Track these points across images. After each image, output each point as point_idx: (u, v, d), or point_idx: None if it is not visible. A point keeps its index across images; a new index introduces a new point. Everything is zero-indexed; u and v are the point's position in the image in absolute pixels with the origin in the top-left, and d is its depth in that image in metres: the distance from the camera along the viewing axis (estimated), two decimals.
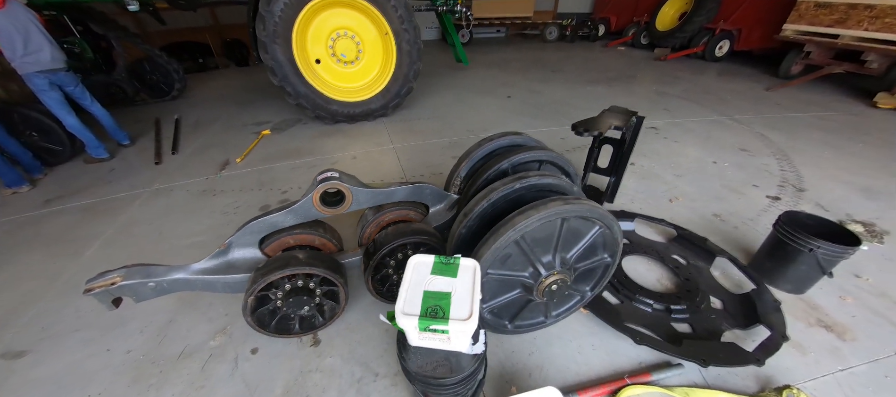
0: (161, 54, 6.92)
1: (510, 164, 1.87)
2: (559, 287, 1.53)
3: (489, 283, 1.54)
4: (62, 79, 3.90)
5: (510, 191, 1.52)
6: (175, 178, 3.75)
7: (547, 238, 1.46)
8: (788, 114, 5.60)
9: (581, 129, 2.25)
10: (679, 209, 3.04)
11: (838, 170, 3.83)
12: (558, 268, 1.52)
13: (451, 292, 1.20)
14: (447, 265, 1.29)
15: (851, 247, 1.93)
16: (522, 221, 1.34)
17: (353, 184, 1.82)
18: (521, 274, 1.53)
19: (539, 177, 1.56)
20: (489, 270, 1.46)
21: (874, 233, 2.82)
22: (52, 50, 3.73)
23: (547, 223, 1.39)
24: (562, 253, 1.53)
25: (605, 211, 1.47)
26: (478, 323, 1.29)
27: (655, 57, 10.38)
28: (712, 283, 2.20)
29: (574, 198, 1.42)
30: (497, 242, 1.36)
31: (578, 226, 1.48)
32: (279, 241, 1.87)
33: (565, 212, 1.37)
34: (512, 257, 1.47)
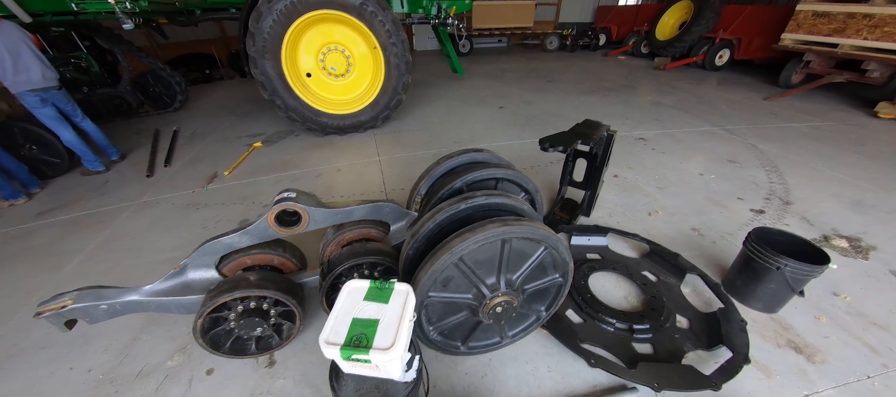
0: (164, 67, 7.10)
1: (464, 183, 1.87)
2: (505, 309, 1.52)
3: (433, 306, 1.53)
4: (54, 96, 4.00)
5: (456, 211, 1.52)
6: (163, 191, 3.82)
7: (489, 259, 1.46)
8: (784, 125, 5.52)
9: (547, 145, 2.25)
10: (657, 223, 3.00)
11: (829, 182, 3.76)
12: (503, 289, 1.51)
13: (379, 319, 1.19)
14: (381, 290, 1.29)
15: (819, 267, 1.89)
16: (459, 244, 1.34)
17: (311, 203, 1.84)
18: (465, 296, 1.52)
19: (487, 197, 1.56)
20: (431, 293, 1.46)
21: (859, 249, 2.75)
22: (44, 69, 3.83)
23: (487, 245, 1.39)
24: (507, 274, 1.52)
25: (549, 232, 1.46)
26: (412, 349, 1.30)
27: (655, 66, 10.36)
28: (681, 301, 2.17)
29: (515, 219, 1.42)
30: (434, 265, 1.36)
31: (523, 247, 1.47)
32: (237, 262, 1.88)
33: (503, 233, 1.36)
34: (454, 279, 1.47)
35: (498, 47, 15.17)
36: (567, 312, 2.08)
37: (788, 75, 7.91)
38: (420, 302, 1.46)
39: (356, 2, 4.16)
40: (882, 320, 2.14)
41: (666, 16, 11.72)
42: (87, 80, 6.53)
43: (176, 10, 4.72)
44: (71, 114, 4.31)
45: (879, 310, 2.21)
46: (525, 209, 1.65)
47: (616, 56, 12.54)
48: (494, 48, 14.85)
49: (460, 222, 1.53)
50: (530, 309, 1.74)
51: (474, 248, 1.36)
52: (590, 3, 16.58)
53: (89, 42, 6.59)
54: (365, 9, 4.22)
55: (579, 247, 2.61)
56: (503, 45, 15.70)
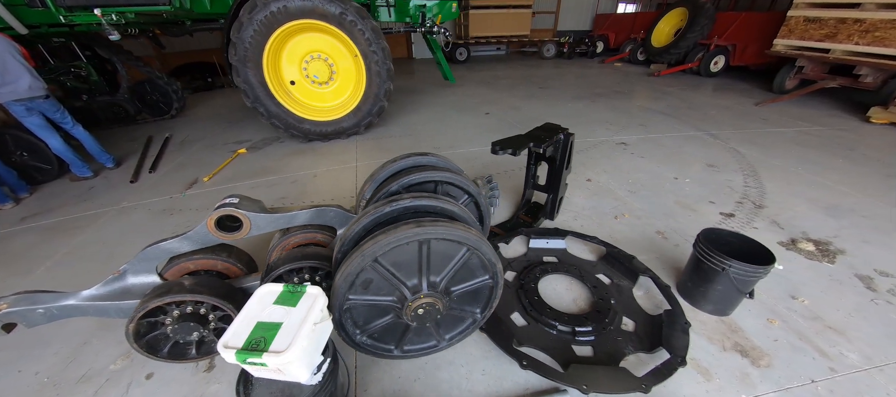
0: (161, 76, 7.28)
1: (400, 186, 1.89)
2: (428, 311, 1.53)
3: (358, 309, 1.54)
4: (41, 106, 4.11)
5: (380, 214, 1.54)
6: (143, 197, 3.91)
7: (409, 261, 1.47)
8: (772, 130, 5.48)
9: (498, 148, 2.27)
10: (622, 226, 2.99)
11: (808, 186, 3.71)
12: (425, 291, 1.51)
13: (282, 323, 1.21)
14: (292, 294, 1.30)
15: (762, 267, 1.87)
16: (371, 246, 1.36)
17: (254, 209, 1.86)
18: (388, 298, 1.53)
19: (412, 199, 1.58)
20: (351, 296, 1.47)
21: (826, 253, 2.71)
22: (31, 80, 3.93)
23: (404, 246, 1.41)
24: (431, 276, 1.53)
25: (470, 233, 1.46)
26: (326, 352, 1.31)
27: (650, 73, 10.35)
28: (630, 304, 2.15)
29: (432, 220, 1.43)
30: (348, 268, 1.38)
31: (444, 248, 1.48)
32: (179, 267, 1.91)
33: (417, 234, 1.37)
34: (374, 282, 1.48)
35: (496, 55, 15.29)
36: (513, 315, 2.07)
37: (782, 81, 7.86)
38: (340, 306, 1.48)
39: (335, 11, 4.25)
40: (838, 324, 2.11)
41: (661, 23, 11.75)
42: (87, 89, 6.73)
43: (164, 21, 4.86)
44: (60, 122, 4.43)
45: (837, 314, 2.17)
46: (455, 211, 1.66)
47: (612, 63, 12.56)
48: (492, 56, 14.97)
49: (386, 225, 1.55)
50: (464, 312, 1.74)
51: (388, 250, 1.38)
52: (588, 10, 16.67)
53: (90, 52, 6.80)
54: (344, 18, 4.31)
55: (537, 249, 2.61)
56: (502, 53, 15.82)
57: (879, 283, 2.43)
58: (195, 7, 4.62)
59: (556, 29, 16.37)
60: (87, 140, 4.72)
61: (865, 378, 1.81)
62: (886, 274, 2.52)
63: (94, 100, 6.78)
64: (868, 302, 2.28)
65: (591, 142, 4.86)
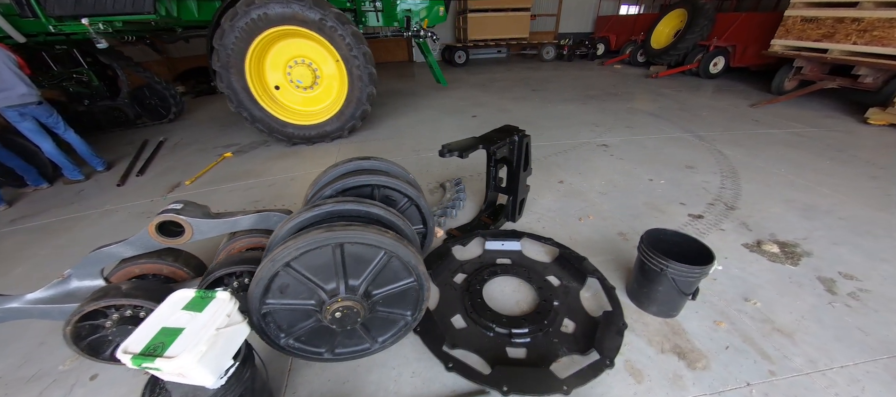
0: (159, 81, 7.48)
1: (334, 190, 1.93)
2: (346, 314, 1.55)
3: (279, 313, 1.57)
4: (34, 111, 4.27)
5: (303, 220, 1.58)
6: (126, 200, 4.02)
7: (325, 265, 1.49)
8: (762, 131, 5.38)
9: (445, 151, 2.29)
10: (585, 228, 2.98)
11: (787, 187, 3.65)
12: (343, 294, 1.54)
13: (184, 328, 1.24)
14: (203, 300, 1.34)
15: (699, 268, 1.85)
16: (281, 252, 1.39)
17: (196, 215, 1.91)
18: (307, 302, 1.56)
19: (336, 204, 1.61)
20: (269, 301, 1.51)
21: (790, 255, 2.66)
22: (25, 88, 4.10)
23: (318, 251, 1.44)
24: (350, 280, 1.55)
25: (385, 237, 1.48)
26: (237, 357, 1.35)
27: (648, 75, 10.25)
28: (575, 305, 2.15)
29: (344, 225, 1.46)
30: (260, 273, 1.41)
31: (361, 252, 1.51)
32: (125, 271, 1.96)
33: (327, 239, 1.40)
34: (291, 286, 1.51)
35: (497, 58, 15.29)
36: (454, 317, 2.09)
37: (780, 82, 7.72)
38: (257, 310, 1.51)
39: (315, 17, 4.33)
40: (788, 327, 2.07)
41: (661, 24, 11.64)
42: (89, 94, 6.96)
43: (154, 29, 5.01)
44: (53, 127, 4.59)
45: (789, 317, 2.13)
46: (381, 215, 1.69)
47: (612, 65, 12.47)
48: (492, 59, 14.98)
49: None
50: (394, 314, 1.76)
51: (299, 255, 1.41)
52: (589, 12, 16.60)
53: (91, 58, 7.03)
54: (324, 24, 4.39)
55: (492, 251, 2.62)
56: (502, 55, 15.82)
57: (841, 286, 2.38)
58: (183, 15, 4.76)
59: (556, 31, 16.34)
60: (78, 144, 4.87)
61: (805, 381, 1.78)
62: (851, 276, 2.46)
63: (96, 104, 7.00)
64: (825, 305, 2.23)
65: (573, 144, 4.85)
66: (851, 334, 2.03)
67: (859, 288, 2.37)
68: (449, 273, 2.41)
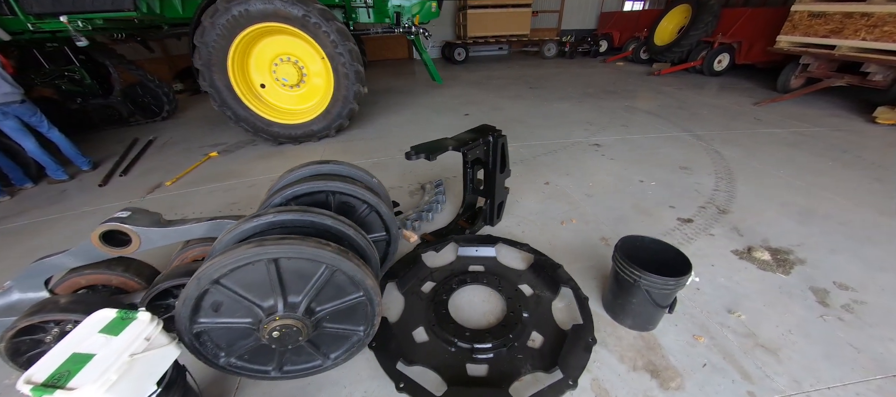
0: (152, 78, 7.44)
1: (283, 198, 1.82)
2: (286, 333, 1.45)
3: (216, 332, 1.47)
4: (17, 110, 4.23)
5: (241, 232, 1.48)
6: (105, 201, 3.96)
7: (260, 282, 1.39)
8: (763, 130, 5.19)
9: (412, 153, 2.17)
10: (566, 232, 2.84)
11: (785, 189, 3.49)
12: (281, 312, 1.44)
13: (95, 354, 1.13)
14: (123, 321, 1.24)
15: (674, 280, 1.72)
16: (206, 269, 1.29)
17: (144, 223, 1.82)
18: (244, 320, 1.46)
19: (278, 214, 1.51)
20: (201, 320, 1.41)
21: (782, 263, 2.51)
22: (8, 87, 4.07)
23: (250, 266, 1.34)
24: (290, 296, 1.45)
25: (326, 250, 1.37)
26: (161, 382, 1.25)
27: (651, 72, 10.03)
28: (545, 317, 2.02)
29: (277, 239, 1.35)
30: (186, 293, 1.31)
31: (300, 267, 1.40)
32: (70, 282, 1.87)
33: (257, 254, 1.29)
34: (224, 304, 1.41)
35: (498, 55, 15.10)
36: (417, 330, 1.98)
37: (786, 79, 7.48)
38: (187, 331, 1.41)
39: (298, 14, 4.22)
40: (773, 342, 1.93)
41: (665, 20, 11.40)
42: (81, 92, 6.94)
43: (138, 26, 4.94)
44: (36, 126, 4.54)
45: (774, 332, 1.99)
46: (330, 226, 1.58)
47: (614, 62, 12.25)
48: (493, 56, 14.79)
49: None
50: (346, 330, 1.65)
51: (226, 272, 1.31)
52: (593, 9, 16.33)
53: (84, 56, 7.00)
54: (308, 20, 4.28)
55: (465, 257, 2.50)
56: (504, 53, 15.63)
57: (834, 298, 2.23)
58: (166, 12, 4.68)
59: (559, 28, 16.10)
60: (62, 143, 4.82)
61: None
62: (846, 287, 2.31)
63: (89, 102, 6.99)
64: (815, 318, 2.09)
65: (564, 144, 4.70)
66: (842, 351, 1.89)
67: (854, 299, 2.22)
68: (417, 281, 2.30)
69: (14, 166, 4.50)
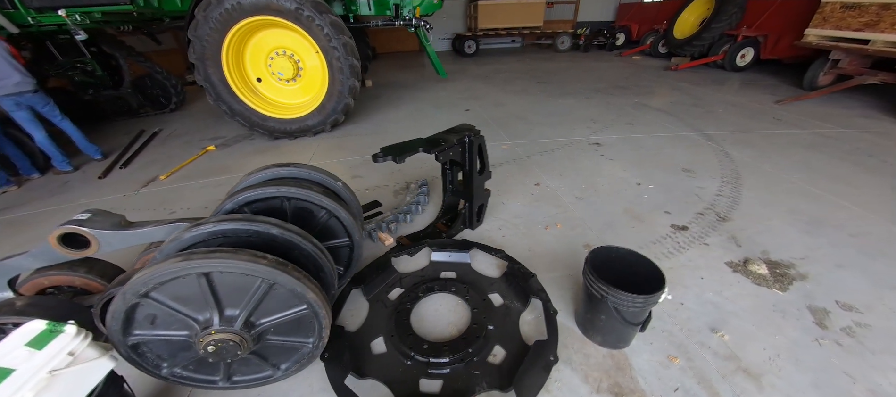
0: (160, 71, 7.57)
1: (235, 204, 1.77)
2: (223, 347, 1.39)
3: (154, 343, 1.44)
4: (30, 100, 4.36)
5: (182, 242, 1.43)
6: (102, 194, 4.03)
7: (193, 295, 1.34)
8: (782, 131, 4.88)
9: (379, 156, 2.08)
10: (549, 238, 2.71)
11: (796, 195, 3.25)
12: (216, 326, 1.38)
13: (14, 370, 1.09)
14: (50, 333, 1.19)
15: (644, 297, 1.59)
16: (134, 282, 1.24)
17: (104, 226, 1.80)
18: (180, 333, 1.41)
19: (219, 222, 1.45)
20: (137, 331, 1.37)
21: (781, 278, 2.32)
22: (20, 76, 4.18)
23: (180, 280, 1.28)
24: (227, 309, 1.40)
25: (259, 264, 1.30)
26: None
27: (669, 67, 9.59)
28: (511, 330, 1.92)
29: (206, 252, 1.29)
30: (113, 306, 1.27)
31: (235, 280, 1.35)
32: (33, 282, 1.87)
33: (183, 269, 1.24)
34: (159, 317, 1.37)
35: (510, 48, 14.79)
36: (376, 340, 1.90)
37: (814, 76, 7.02)
38: (122, 343, 1.37)
39: (291, 7, 4.17)
40: (756, 367, 1.77)
41: (686, 12, 10.90)
42: (93, 83, 7.12)
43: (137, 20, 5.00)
44: (49, 116, 4.66)
45: (761, 355, 1.83)
46: (275, 235, 1.52)
47: (630, 56, 11.81)
48: (504, 49, 14.49)
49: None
50: (294, 342, 1.59)
51: (152, 286, 1.26)
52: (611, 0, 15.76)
53: (95, 48, 7.17)
54: (301, 13, 4.22)
55: (438, 263, 2.41)
56: (517, 45, 15.30)
57: (835, 319, 2.04)
58: (165, 5, 4.72)
59: (575, 19, 15.62)
60: (74, 133, 4.94)
61: None
62: (849, 307, 2.12)
63: (100, 94, 7.17)
64: (810, 341, 1.91)
65: (562, 142, 4.53)
66: (835, 379, 1.72)
67: (857, 321, 2.02)
68: (385, 287, 2.22)
69: (22, 156, 4.64)
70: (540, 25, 12.81)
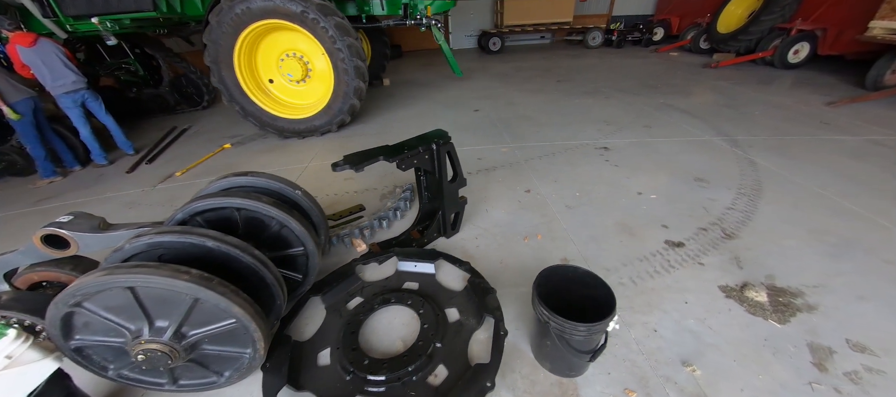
0: (195, 70, 8.06)
1: (185, 214, 1.80)
2: (152, 357, 1.43)
3: (96, 348, 1.50)
4: (84, 95, 4.81)
5: (123, 253, 1.48)
6: (124, 188, 4.33)
7: (124, 306, 1.38)
8: (827, 137, 4.34)
9: (341, 164, 2.05)
10: (526, 250, 2.57)
11: (824, 212, 2.88)
12: (146, 336, 1.42)
13: None
14: None
15: (584, 326, 1.45)
16: (64, 294, 1.29)
17: (84, 229, 1.92)
18: (116, 340, 1.46)
19: (157, 235, 1.49)
20: (77, 336, 1.43)
21: (783, 307, 2.06)
22: (75, 76, 4.63)
23: (108, 292, 1.33)
24: (159, 320, 1.43)
25: (180, 280, 1.32)
26: None
27: (710, 64, 8.84)
28: (460, 350, 1.83)
29: (129, 267, 1.32)
30: (50, 313, 1.33)
31: (161, 293, 1.37)
32: (25, 277, 2.02)
33: (107, 283, 1.28)
34: (92, 324, 1.41)
35: (538, 45, 14.34)
36: (323, 352, 1.89)
37: (878, 75, 6.22)
38: (65, 347, 1.44)
39: (297, 10, 4.26)
40: None
41: (732, 4, 10.03)
42: (136, 82, 7.75)
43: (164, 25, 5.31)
44: (95, 112, 5.07)
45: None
46: (210, 247, 1.54)
47: (667, 52, 11.06)
48: (531, 46, 14.06)
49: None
50: (233, 352, 1.61)
51: (80, 299, 1.32)
52: None
53: (139, 50, 7.76)
54: (306, 16, 4.30)
55: (404, 273, 2.35)
56: (546, 41, 14.81)
57: (840, 361, 1.77)
58: (187, 10, 4.98)
59: (610, 14, 14.86)
60: (114, 129, 5.35)
61: None
62: (862, 348, 1.83)
63: (142, 92, 7.78)
64: (801, 385, 1.67)
65: (566, 146, 4.31)
66: None
67: (868, 366, 1.74)
68: (346, 296, 2.20)
69: (66, 149, 5.11)
70: (569, 21, 12.31)
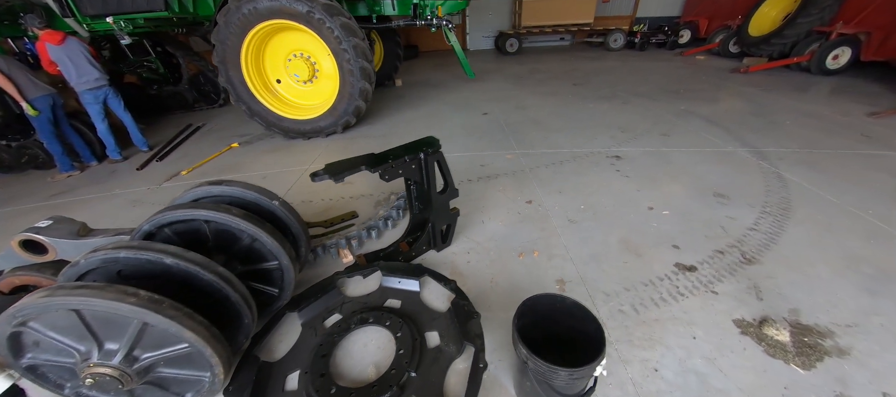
0: (212, 68, 8.19)
1: (152, 226, 1.72)
2: (101, 381, 1.35)
3: (50, 366, 1.43)
4: (106, 92, 4.95)
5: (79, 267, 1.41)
6: (132, 185, 4.38)
7: (72, 326, 1.30)
8: (866, 151, 3.97)
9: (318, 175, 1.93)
10: (519, 268, 2.39)
11: (863, 237, 2.59)
12: (95, 359, 1.34)
13: None
14: None
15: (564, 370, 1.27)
16: (9, 312, 1.22)
17: (63, 235, 1.88)
18: (67, 360, 1.39)
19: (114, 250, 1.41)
20: (29, 354, 1.37)
21: (808, 349, 1.81)
22: (98, 73, 4.77)
23: (56, 312, 1.25)
24: (109, 342, 1.35)
25: (126, 303, 1.23)
26: None
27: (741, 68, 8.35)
28: (434, 381, 1.67)
29: (71, 287, 1.24)
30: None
31: (108, 315, 1.29)
32: (7, 281, 2.00)
33: (47, 305, 1.20)
34: (42, 343, 1.35)
35: (558, 47, 13.98)
36: (292, 374, 1.77)
37: None
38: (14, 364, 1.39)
39: (303, 10, 4.20)
40: None
41: (766, 6, 9.49)
42: (157, 79, 7.95)
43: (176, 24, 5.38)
44: (115, 108, 5.19)
45: None
46: (169, 264, 1.45)
47: (693, 56, 10.57)
48: (550, 47, 13.72)
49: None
50: (190, 375, 1.51)
51: (22, 320, 1.25)
52: None
53: (160, 48, 7.95)
54: (312, 16, 4.24)
55: (387, 289, 2.22)
56: (566, 43, 14.44)
57: None
58: (200, 10, 5.02)
59: (634, 15, 14.35)
60: (130, 125, 5.46)
61: None
62: None
63: (163, 89, 7.98)
64: None
65: (576, 154, 4.08)
66: None
67: None
68: (324, 312, 2.08)
69: (83, 145, 5.24)
70: (590, 22, 11.93)
